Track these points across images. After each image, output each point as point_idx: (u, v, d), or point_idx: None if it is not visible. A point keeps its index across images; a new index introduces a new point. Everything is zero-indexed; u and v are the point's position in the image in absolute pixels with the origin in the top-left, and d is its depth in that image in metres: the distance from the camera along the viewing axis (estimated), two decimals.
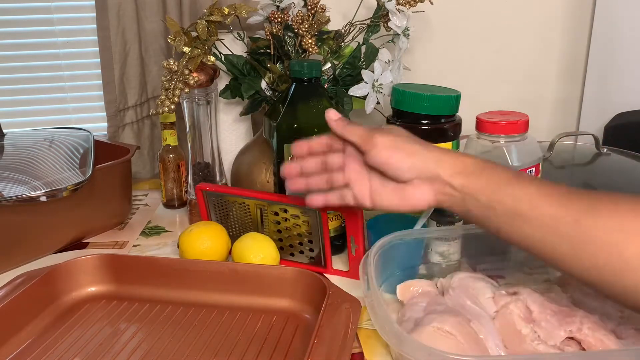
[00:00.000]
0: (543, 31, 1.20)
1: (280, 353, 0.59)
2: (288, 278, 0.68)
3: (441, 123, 0.74)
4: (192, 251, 0.75)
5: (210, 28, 0.82)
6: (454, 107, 0.74)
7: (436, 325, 0.55)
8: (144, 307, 0.68)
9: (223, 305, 0.68)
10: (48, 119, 1.14)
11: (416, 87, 0.77)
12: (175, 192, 0.99)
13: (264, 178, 0.87)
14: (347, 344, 0.55)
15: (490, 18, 1.17)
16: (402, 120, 0.74)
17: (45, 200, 0.76)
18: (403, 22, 0.87)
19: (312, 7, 0.86)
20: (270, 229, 0.78)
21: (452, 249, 0.71)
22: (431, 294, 0.65)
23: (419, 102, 0.73)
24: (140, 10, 1.03)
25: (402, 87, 0.76)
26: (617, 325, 0.58)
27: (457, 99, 0.74)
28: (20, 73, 1.11)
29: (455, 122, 0.75)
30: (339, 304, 0.61)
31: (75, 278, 0.70)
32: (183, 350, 0.60)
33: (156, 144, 1.12)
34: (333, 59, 0.89)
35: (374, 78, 0.85)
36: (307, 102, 0.75)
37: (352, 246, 0.73)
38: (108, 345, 0.61)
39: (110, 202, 0.89)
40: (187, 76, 0.79)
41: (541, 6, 1.18)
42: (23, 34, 1.09)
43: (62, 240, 0.84)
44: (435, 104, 0.72)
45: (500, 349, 0.55)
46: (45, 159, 0.86)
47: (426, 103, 0.72)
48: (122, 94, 1.06)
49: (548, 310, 0.58)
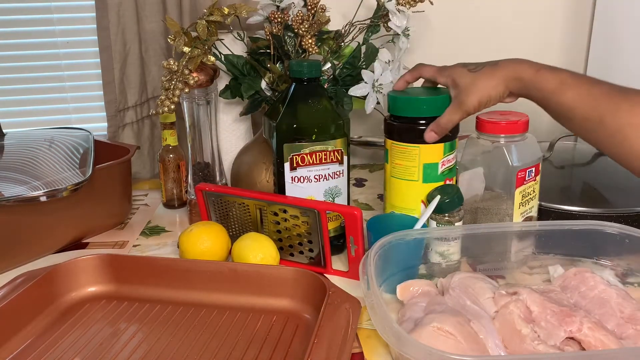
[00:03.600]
0: (543, 31, 1.20)
1: (280, 353, 0.59)
2: (288, 278, 0.68)
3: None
4: (192, 251, 0.75)
5: (210, 28, 0.82)
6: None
7: (436, 325, 0.55)
8: (144, 307, 0.68)
9: (223, 305, 0.68)
10: (48, 119, 1.14)
11: (410, 91, 0.77)
12: (175, 192, 0.99)
13: (264, 178, 0.87)
14: (347, 344, 0.55)
15: (490, 18, 1.18)
16: (399, 121, 0.75)
17: (45, 200, 0.76)
18: (403, 22, 0.87)
19: (312, 7, 0.86)
20: (270, 229, 0.78)
21: (452, 249, 0.71)
22: (431, 294, 0.65)
23: (413, 105, 0.74)
24: (140, 10, 1.03)
25: (395, 92, 0.77)
26: (617, 325, 0.58)
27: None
28: (20, 73, 1.11)
29: None
30: (339, 304, 0.61)
31: (75, 278, 0.70)
32: (183, 350, 0.60)
33: (156, 144, 1.12)
34: (333, 59, 0.89)
35: (374, 78, 0.85)
36: (307, 102, 0.75)
37: (352, 246, 0.73)
38: (108, 345, 0.61)
39: (110, 202, 0.89)
40: (187, 76, 0.79)
41: (541, 6, 1.18)
42: (23, 34, 1.09)
43: (62, 240, 0.84)
44: (431, 106, 0.73)
45: (500, 349, 0.55)
46: (45, 159, 0.86)
47: (425, 106, 0.73)
48: (122, 94, 1.06)
49: (548, 310, 0.58)
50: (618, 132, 0.59)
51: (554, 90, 0.63)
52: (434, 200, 0.71)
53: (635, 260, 0.68)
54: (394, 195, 0.77)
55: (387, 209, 0.79)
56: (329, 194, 0.78)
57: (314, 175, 0.76)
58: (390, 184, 0.77)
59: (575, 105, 0.62)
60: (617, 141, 0.59)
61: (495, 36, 1.18)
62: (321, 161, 0.76)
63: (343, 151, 0.77)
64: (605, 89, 0.61)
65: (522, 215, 0.75)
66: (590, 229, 0.69)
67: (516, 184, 0.72)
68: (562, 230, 0.70)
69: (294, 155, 0.75)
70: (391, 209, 0.78)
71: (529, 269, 0.73)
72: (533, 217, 0.77)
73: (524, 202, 0.74)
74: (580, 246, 0.70)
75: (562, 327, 0.56)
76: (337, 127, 0.76)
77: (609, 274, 0.69)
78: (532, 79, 0.65)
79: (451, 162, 0.76)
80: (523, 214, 0.75)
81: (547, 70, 0.65)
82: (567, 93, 0.62)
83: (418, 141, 0.73)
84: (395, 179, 0.76)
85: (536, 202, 0.77)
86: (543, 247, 0.71)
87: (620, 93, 0.60)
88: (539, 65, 0.66)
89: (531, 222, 0.76)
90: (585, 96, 0.61)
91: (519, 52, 1.19)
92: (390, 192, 0.78)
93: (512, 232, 0.73)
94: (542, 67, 0.66)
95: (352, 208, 0.72)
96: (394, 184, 0.77)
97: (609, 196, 0.86)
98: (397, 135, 0.75)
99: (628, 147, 0.58)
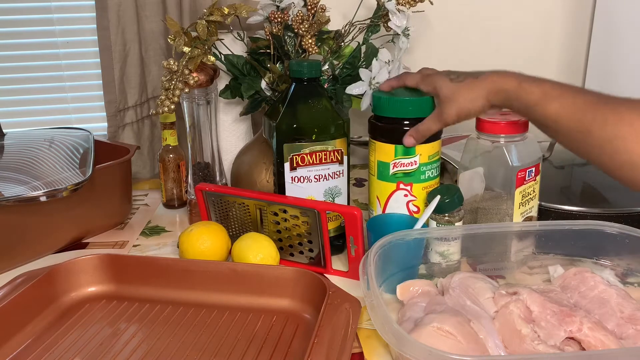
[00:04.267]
0: (543, 31, 1.20)
1: (280, 353, 0.59)
2: (288, 278, 0.68)
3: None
4: (192, 251, 0.75)
5: (210, 28, 0.82)
6: (432, 108, 0.75)
7: (436, 325, 0.55)
8: (144, 307, 0.68)
9: (223, 305, 0.68)
10: (48, 119, 1.14)
11: (395, 92, 0.77)
12: (175, 192, 0.99)
13: (264, 178, 0.87)
14: (347, 344, 0.55)
15: (490, 18, 1.18)
16: (383, 122, 0.75)
17: (45, 200, 0.76)
18: (403, 22, 0.87)
19: (312, 7, 0.86)
20: (270, 229, 0.78)
21: (452, 249, 0.71)
22: (431, 294, 0.65)
23: (397, 106, 0.74)
24: (140, 10, 1.03)
25: (379, 92, 0.77)
26: (617, 325, 0.58)
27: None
28: (20, 73, 1.11)
29: None
30: (339, 304, 0.61)
31: (75, 278, 0.70)
32: (183, 350, 0.60)
33: (156, 144, 1.12)
34: (333, 59, 0.89)
35: (370, 76, 0.85)
36: (307, 102, 0.75)
37: (352, 246, 0.73)
38: (108, 345, 0.61)
39: (110, 202, 0.89)
40: (187, 76, 0.79)
41: (541, 6, 1.18)
42: (23, 34, 1.09)
43: (62, 240, 0.84)
44: (416, 107, 0.74)
45: (500, 349, 0.55)
46: (45, 159, 0.86)
47: (411, 107, 0.74)
48: (122, 94, 1.06)
49: (548, 310, 0.58)
50: (607, 144, 0.57)
51: (537, 101, 0.62)
52: (434, 200, 0.71)
53: (635, 260, 0.68)
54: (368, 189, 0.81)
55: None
56: (329, 194, 0.78)
57: (314, 175, 0.76)
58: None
59: (560, 116, 0.60)
60: (606, 153, 0.57)
61: (495, 36, 1.18)
62: (321, 161, 0.76)
63: (343, 151, 0.77)
64: (590, 99, 0.59)
65: (522, 215, 0.75)
66: (590, 229, 0.69)
67: (516, 183, 0.72)
68: (562, 230, 0.70)
69: (294, 155, 0.75)
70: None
71: (529, 269, 0.73)
72: (533, 217, 0.77)
73: (524, 202, 0.74)
74: (580, 246, 0.70)
75: (562, 327, 0.56)
76: (337, 127, 0.76)
77: (609, 274, 0.69)
78: (514, 91, 0.64)
79: (409, 167, 0.75)
80: (523, 214, 0.75)
81: (529, 82, 0.64)
82: (550, 104, 0.61)
83: (376, 137, 0.76)
84: (369, 174, 0.80)
85: (536, 202, 0.77)
86: (543, 247, 0.71)
87: (606, 104, 0.58)
88: (521, 77, 0.65)
89: (531, 222, 0.76)
90: (570, 107, 0.60)
91: (518, 52, 1.20)
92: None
93: (512, 232, 0.73)
94: (524, 79, 0.64)
95: (352, 208, 0.72)
96: (369, 178, 0.81)
97: (609, 196, 0.86)
98: (368, 129, 0.79)
99: (618, 160, 0.57)
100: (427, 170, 0.76)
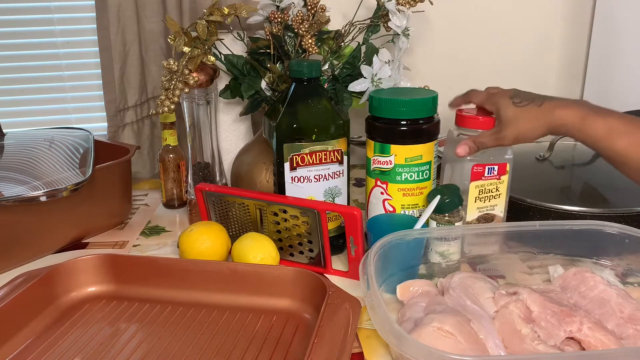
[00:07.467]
0: (543, 31, 1.20)
1: (280, 353, 0.59)
2: (288, 278, 0.68)
3: (419, 124, 0.75)
4: (192, 251, 0.75)
5: (210, 28, 0.82)
6: (431, 109, 0.75)
7: (436, 325, 0.55)
8: (144, 307, 0.68)
9: (223, 305, 0.68)
10: (48, 119, 1.14)
11: (392, 92, 0.78)
12: (175, 192, 0.99)
13: (264, 178, 0.87)
14: (347, 344, 0.55)
15: (490, 18, 1.18)
16: (380, 122, 0.76)
17: (45, 200, 0.76)
18: (403, 22, 0.87)
19: (312, 7, 0.86)
20: (270, 229, 0.78)
21: (452, 249, 0.71)
22: (431, 294, 0.65)
23: (395, 107, 0.74)
24: (140, 10, 1.03)
25: (377, 93, 0.77)
26: (617, 326, 0.58)
27: (433, 101, 0.75)
28: (20, 73, 1.11)
29: (434, 122, 0.76)
30: (339, 304, 0.61)
31: (75, 278, 0.70)
32: (183, 350, 0.60)
33: (156, 144, 1.12)
34: (333, 59, 0.89)
35: (372, 72, 0.85)
36: (307, 102, 0.75)
37: (352, 246, 0.73)
38: (108, 345, 0.61)
39: (110, 202, 0.89)
40: (187, 76, 0.79)
41: (541, 6, 1.18)
42: (23, 34, 1.09)
43: (62, 240, 0.84)
44: (412, 108, 0.74)
45: (500, 349, 0.55)
46: (45, 159, 0.86)
47: (404, 108, 0.74)
48: (122, 94, 1.06)
49: (548, 310, 0.58)
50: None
51: (603, 137, 0.62)
52: (434, 200, 0.71)
53: (635, 260, 0.68)
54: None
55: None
56: (329, 194, 0.78)
57: (313, 175, 0.76)
58: None
59: (629, 153, 0.61)
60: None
61: (495, 36, 1.19)
62: (321, 161, 0.76)
63: (343, 151, 0.77)
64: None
65: (480, 210, 0.76)
66: (590, 229, 0.69)
67: (471, 177, 0.74)
68: (562, 230, 0.70)
69: (294, 155, 0.75)
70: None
71: (529, 269, 0.73)
72: (496, 217, 0.77)
73: (481, 197, 0.75)
74: (580, 246, 0.70)
75: (562, 327, 0.56)
76: (337, 127, 0.76)
77: (609, 274, 0.69)
78: (578, 127, 0.63)
79: (384, 165, 0.76)
80: (481, 210, 0.76)
81: (594, 115, 0.63)
82: (618, 140, 0.61)
83: (372, 136, 0.77)
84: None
85: (502, 201, 0.77)
86: (543, 247, 0.71)
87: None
88: (585, 109, 0.64)
89: (531, 222, 0.76)
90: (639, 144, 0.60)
91: (518, 52, 1.20)
92: None
93: (512, 232, 0.73)
94: (589, 112, 0.63)
95: (352, 208, 0.72)
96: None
97: (609, 196, 0.86)
98: (365, 128, 0.80)
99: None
100: (404, 172, 0.75)
